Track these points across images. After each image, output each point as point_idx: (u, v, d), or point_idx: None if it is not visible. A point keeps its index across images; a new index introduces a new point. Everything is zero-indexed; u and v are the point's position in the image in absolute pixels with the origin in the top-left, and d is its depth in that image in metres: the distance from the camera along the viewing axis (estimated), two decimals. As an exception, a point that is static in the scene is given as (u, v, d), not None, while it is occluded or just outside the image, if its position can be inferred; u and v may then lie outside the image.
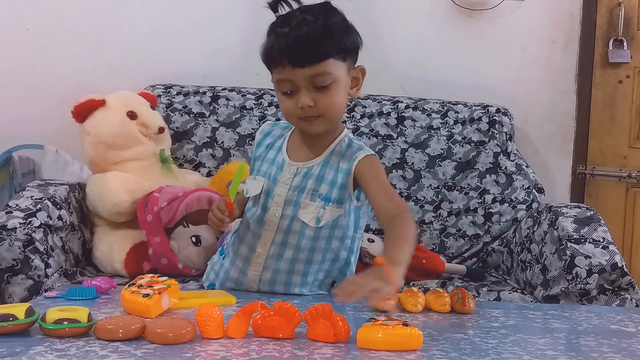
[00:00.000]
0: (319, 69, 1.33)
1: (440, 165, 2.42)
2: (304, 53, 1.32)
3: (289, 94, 1.36)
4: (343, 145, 1.43)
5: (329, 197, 1.39)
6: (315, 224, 1.39)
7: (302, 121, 1.38)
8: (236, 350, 1.00)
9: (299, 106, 1.34)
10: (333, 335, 1.05)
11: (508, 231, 2.34)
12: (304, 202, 1.39)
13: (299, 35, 1.33)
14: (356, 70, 1.42)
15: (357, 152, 1.41)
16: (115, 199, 2.05)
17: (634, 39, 2.68)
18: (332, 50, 1.34)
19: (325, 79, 1.34)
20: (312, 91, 1.34)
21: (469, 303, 1.31)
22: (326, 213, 1.39)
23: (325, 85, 1.34)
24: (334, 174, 1.40)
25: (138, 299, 1.16)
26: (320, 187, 1.40)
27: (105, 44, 2.65)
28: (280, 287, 1.46)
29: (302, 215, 1.39)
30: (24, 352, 0.96)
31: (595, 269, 1.81)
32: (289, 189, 1.40)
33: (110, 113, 2.18)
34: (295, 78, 1.33)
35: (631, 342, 1.14)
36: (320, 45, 1.33)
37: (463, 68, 2.68)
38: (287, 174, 1.41)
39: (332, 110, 1.37)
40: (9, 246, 1.77)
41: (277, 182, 1.41)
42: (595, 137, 2.73)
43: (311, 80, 1.33)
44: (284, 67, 1.33)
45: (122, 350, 0.98)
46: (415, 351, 1.03)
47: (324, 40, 1.34)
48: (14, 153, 2.44)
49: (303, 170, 1.41)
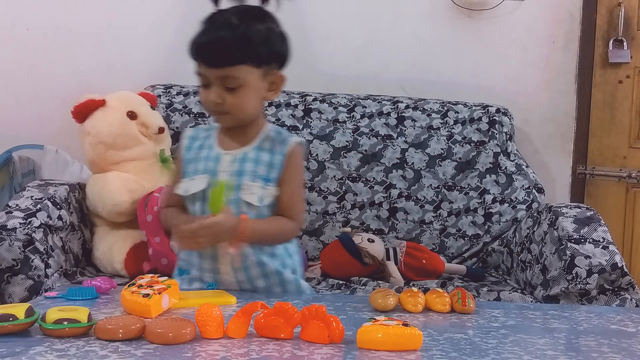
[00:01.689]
0: (228, 72, 1.41)
1: (441, 165, 2.42)
2: (215, 56, 1.41)
3: (205, 87, 1.45)
4: (272, 133, 1.52)
5: (268, 178, 1.46)
6: (259, 203, 1.45)
7: (213, 113, 1.49)
8: (236, 351, 1.00)
9: (207, 100, 1.44)
10: (327, 337, 1.05)
11: (508, 231, 2.34)
12: (246, 184, 1.46)
13: (215, 39, 1.42)
14: (275, 75, 1.49)
15: (289, 137, 1.51)
16: (115, 199, 2.05)
17: (634, 39, 2.68)
18: (243, 58, 1.42)
19: (233, 81, 1.42)
20: (221, 89, 1.42)
21: (469, 303, 1.31)
22: (267, 193, 1.46)
23: (234, 87, 1.42)
24: (269, 156, 1.48)
25: (138, 299, 1.16)
26: (259, 169, 1.47)
27: (106, 44, 2.65)
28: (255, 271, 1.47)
29: (245, 196, 1.45)
30: (24, 352, 0.96)
31: (595, 269, 1.81)
32: (230, 176, 1.47)
33: (111, 113, 2.18)
34: (207, 75, 1.42)
35: (631, 342, 1.14)
36: (232, 51, 1.41)
37: (463, 68, 2.68)
38: (225, 163, 1.48)
39: (238, 110, 1.45)
40: (9, 246, 1.77)
41: (217, 174, 1.47)
42: (595, 137, 2.73)
43: (221, 80, 1.42)
44: (200, 63, 1.43)
45: (122, 351, 0.98)
46: (415, 351, 1.03)
47: (237, 47, 1.41)
48: (14, 153, 2.44)
49: (239, 156, 1.48)
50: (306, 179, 2.37)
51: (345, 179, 2.39)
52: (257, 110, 1.50)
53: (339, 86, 2.59)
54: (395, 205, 2.38)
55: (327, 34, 2.65)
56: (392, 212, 2.38)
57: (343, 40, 2.65)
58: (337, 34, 2.65)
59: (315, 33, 2.64)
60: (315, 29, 2.65)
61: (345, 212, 2.37)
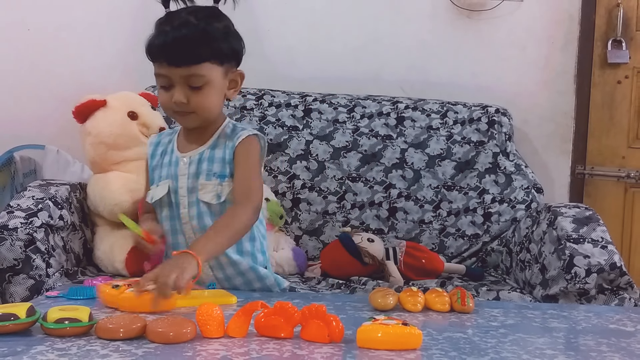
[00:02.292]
0: (193, 71, 1.40)
1: (440, 165, 2.42)
2: (180, 54, 1.40)
3: (166, 88, 1.44)
4: (227, 130, 1.52)
5: (223, 174, 1.47)
6: (217, 201, 1.46)
7: (176, 115, 1.47)
8: (236, 350, 1.01)
9: (173, 101, 1.42)
10: (327, 336, 1.05)
11: (507, 231, 2.35)
12: (201, 183, 1.46)
13: (178, 37, 1.40)
14: (235, 74, 1.50)
15: (241, 131, 1.50)
16: (116, 199, 2.05)
17: (632, 39, 2.68)
18: (208, 55, 1.42)
19: (198, 80, 1.41)
20: (186, 89, 1.42)
21: (468, 302, 1.31)
22: (224, 189, 1.46)
23: (198, 86, 1.42)
24: (222, 152, 1.48)
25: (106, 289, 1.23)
26: (213, 167, 1.47)
27: (106, 44, 2.65)
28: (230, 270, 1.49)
29: (202, 196, 1.46)
30: (25, 351, 0.97)
31: (594, 268, 1.82)
32: (188, 178, 1.48)
33: (111, 113, 2.18)
34: (171, 75, 1.41)
35: (630, 342, 1.14)
36: (197, 48, 1.40)
37: (462, 69, 2.68)
38: (182, 166, 1.49)
39: (203, 109, 1.45)
40: (10, 246, 1.78)
41: (177, 178, 1.49)
42: (594, 137, 2.73)
43: (186, 80, 1.41)
44: (161, 63, 1.42)
45: (123, 350, 0.98)
46: (415, 350, 1.04)
47: (200, 44, 1.41)
48: (15, 153, 2.44)
49: (195, 158, 1.49)
50: (306, 179, 2.38)
51: (345, 179, 2.40)
52: (219, 108, 1.51)
53: (339, 86, 2.59)
54: (395, 205, 2.39)
55: (327, 35, 2.65)
56: (391, 212, 2.38)
57: (343, 41, 2.66)
58: (337, 34, 2.65)
59: (315, 33, 2.65)
60: (315, 29, 2.65)
61: (345, 212, 2.38)
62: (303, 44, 2.66)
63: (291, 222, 2.35)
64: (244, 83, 2.53)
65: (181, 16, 1.44)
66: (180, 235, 1.51)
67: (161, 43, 1.41)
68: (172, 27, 1.42)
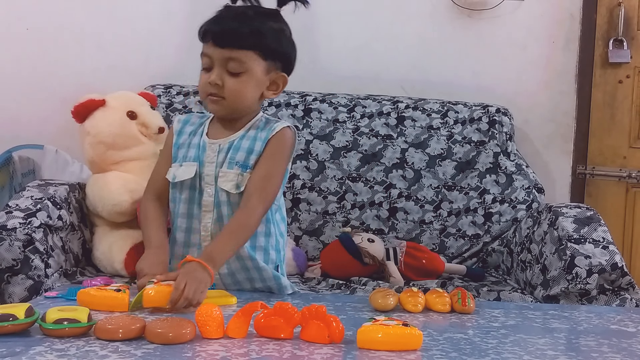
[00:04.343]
0: (234, 54, 1.42)
1: (441, 165, 2.42)
2: (226, 35, 1.43)
3: (207, 70, 1.46)
4: (261, 122, 1.52)
5: (246, 164, 1.46)
6: (236, 190, 1.44)
7: (208, 99, 1.47)
8: (236, 350, 1.00)
9: (208, 81, 1.44)
10: (327, 337, 1.05)
11: (508, 231, 2.34)
12: (222, 171, 1.46)
13: (229, 19, 1.45)
14: (278, 75, 1.50)
15: (276, 124, 1.51)
16: (115, 199, 2.05)
17: (634, 39, 2.68)
18: (252, 44, 1.43)
19: (237, 66, 1.43)
20: (224, 72, 1.43)
21: (469, 303, 1.31)
22: (244, 179, 1.45)
23: (237, 72, 1.43)
24: (251, 143, 1.48)
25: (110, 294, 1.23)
26: (237, 155, 1.46)
27: (106, 44, 2.65)
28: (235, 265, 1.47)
29: (222, 184, 1.45)
30: (24, 352, 0.96)
31: (595, 269, 1.81)
32: (216, 167, 1.47)
33: (110, 113, 2.18)
34: (213, 55, 1.44)
35: (631, 342, 1.14)
36: (243, 34, 1.43)
37: (463, 68, 2.68)
38: (210, 153, 1.48)
39: (236, 97, 1.45)
40: (9, 246, 1.77)
41: (203, 164, 1.48)
42: (595, 137, 2.73)
43: (225, 62, 1.43)
44: (207, 42, 1.45)
45: (122, 350, 0.98)
46: (415, 351, 1.03)
47: (248, 32, 1.43)
48: (14, 153, 2.44)
49: (225, 146, 1.48)
50: (306, 179, 2.37)
51: (345, 179, 2.39)
52: (253, 103, 1.50)
53: (339, 86, 2.59)
54: (395, 205, 2.38)
55: (327, 34, 2.64)
56: (392, 212, 2.38)
57: (343, 40, 2.65)
58: (338, 33, 2.65)
59: (315, 33, 2.64)
60: (315, 29, 2.65)
61: (345, 212, 2.37)
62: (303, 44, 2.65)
63: (291, 222, 2.34)
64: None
65: (240, 8, 1.48)
66: (195, 220, 1.50)
67: (211, 23, 1.45)
68: (227, 13, 1.47)
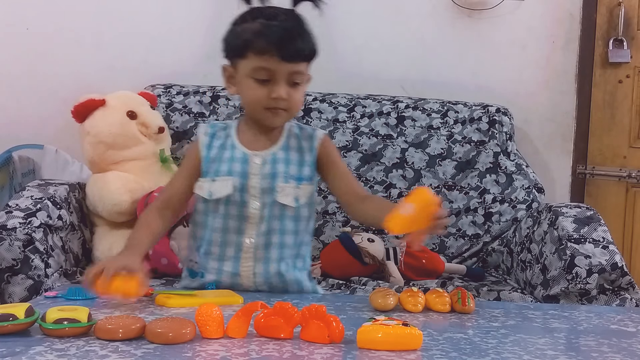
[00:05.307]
0: (299, 67, 1.40)
1: (441, 164, 2.42)
2: (295, 49, 1.38)
3: (262, 83, 1.39)
4: (294, 129, 1.50)
5: (300, 177, 1.46)
6: (295, 204, 1.44)
7: (267, 112, 1.41)
8: (236, 350, 1.00)
9: (273, 96, 1.38)
10: (327, 337, 1.05)
11: (508, 231, 2.34)
12: (279, 185, 1.44)
13: (291, 31, 1.39)
14: (309, 75, 1.49)
15: (314, 132, 1.50)
16: (115, 199, 2.05)
17: (634, 38, 2.68)
18: (312, 53, 1.43)
19: (300, 77, 1.41)
20: (286, 85, 1.39)
21: (469, 303, 1.31)
22: (301, 192, 1.45)
23: (297, 83, 1.41)
24: (298, 155, 1.47)
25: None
26: (290, 169, 1.45)
27: (106, 44, 2.65)
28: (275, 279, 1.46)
29: (281, 198, 1.43)
30: (24, 351, 0.96)
31: (595, 268, 1.81)
32: (262, 178, 1.44)
33: (110, 113, 2.18)
34: (277, 70, 1.38)
35: (631, 342, 1.14)
36: (308, 45, 1.41)
37: (463, 68, 2.68)
38: (254, 165, 1.45)
39: (297, 107, 1.44)
40: (9, 246, 1.77)
41: (247, 176, 1.44)
42: (595, 137, 2.73)
43: (290, 76, 1.39)
44: (270, 56, 1.37)
45: (122, 350, 0.98)
46: (415, 351, 1.03)
47: (309, 41, 1.42)
48: (14, 153, 2.44)
49: (269, 158, 1.45)
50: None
51: (345, 179, 2.39)
52: None
53: (339, 86, 2.59)
54: (395, 205, 2.38)
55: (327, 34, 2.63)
56: (392, 212, 2.38)
57: (343, 40, 2.65)
58: (338, 33, 2.65)
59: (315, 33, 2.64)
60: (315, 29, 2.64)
61: (345, 212, 2.37)
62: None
63: (291, 222, 2.34)
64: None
65: (279, 11, 1.42)
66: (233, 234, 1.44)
67: (274, 36, 1.36)
68: (279, 22, 1.39)
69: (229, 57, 1.46)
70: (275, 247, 1.45)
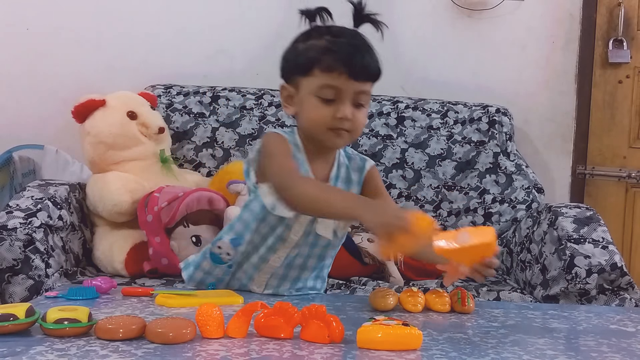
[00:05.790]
0: (365, 87, 1.34)
1: (440, 165, 2.42)
2: (363, 67, 1.32)
3: (327, 102, 1.32)
4: (343, 158, 1.44)
5: None
6: (333, 237, 1.40)
7: (330, 132, 1.33)
8: (236, 350, 1.00)
9: (339, 116, 1.31)
10: (327, 336, 1.05)
11: (508, 231, 2.34)
12: None
13: (360, 49, 1.34)
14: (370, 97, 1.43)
15: (363, 164, 1.44)
16: (115, 199, 2.05)
17: (633, 39, 2.68)
18: (379, 73, 1.36)
19: (365, 97, 1.34)
20: (351, 105, 1.32)
21: (468, 303, 1.31)
22: (341, 224, 1.40)
23: (361, 103, 1.34)
24: (345, 187, 1.41)
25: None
26: None
27: (106, 44, 2.65)
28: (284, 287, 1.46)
29: (320, 229, 1.38)
30: (25, 351, 0.96)
31: (595, 268, 1.81)
32: None
33: (111, 113, 2.18)
34: (345, 88, 1.31)
35: (630, 342, 1.14)
36: (376, 64, 1.35)
37: (463, 68, 2.68)
38: None
39: (360, 129, 1.37)
40: (10, 246, 1.77)
41: None
42: (595, 137, 2.73)
43: (356, 95, 1.32)
44: (339, 74, 1.30)
45: (123, 350, 0.98)
46: (415, 351, 1.03)
47: (377, 60, 1.36)
48: (14, 153, 2.44)
49: None
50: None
51: (345, 179, 2.39)
52: None
53: (339, 86, 2.59)
54: (395, 205, 2.38)
55: (327, 34, 2.65)
56: (392, 212, 2.38)
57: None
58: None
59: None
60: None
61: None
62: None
63: (291, 222, 2.34)
64: (245, 82, 2.57)
65: (345, 30, 1.37)
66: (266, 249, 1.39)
67: (344, 53, 1.31)
68: (347, 39, 1.34)
69: (290, 76, 1.37)
70: (296, 268, 1.44)
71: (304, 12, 1.40)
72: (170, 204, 2.00)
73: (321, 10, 1.40)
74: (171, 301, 1.27)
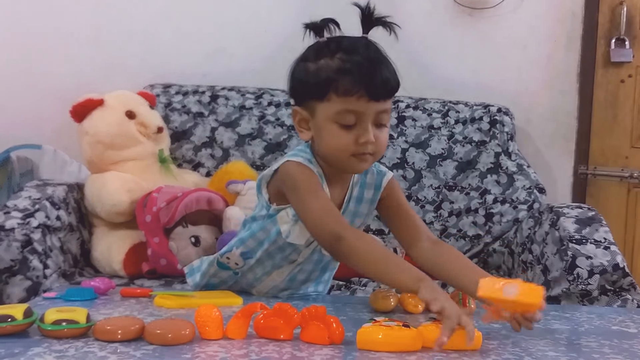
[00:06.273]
0: (386, 105, 1.25)
1: (441, 165, 2.41)
2: (383, 85, 1.23)
3: (347, 128, 1.23)
4: (357, 177, 1.38)
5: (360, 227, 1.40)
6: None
7: (353, 158, 1.26)
8: (235, 351, 1.00)
9: (362, 141, 1.23)
10: (327, 338, 1.04)
11: (509, 231, 2.33)
12: None
13: (376, 65, 1.23)
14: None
15: (380, 177, 1.38)
16: (114, 199, 2.04)
17: (636, 38, 2.67)
18: (398, 85, 1.27)
19: (386, 117, 1.26)
20: (373, 127, 1.24)
21: (469, 303, 1.30)
22: None
23: (384, 123, 1.26)
24: (362, 206, 1.37)
25: None
26: (355, 221, 1.37)
27: (104, 43, 2.64)
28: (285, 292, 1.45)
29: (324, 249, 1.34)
30: (23, 353, 0.96)
31: (597, 269, 1.81)
32: None
33: (109, 113, 2.18)
34: (365, 111, 1.22)
35: (632, 343, 1.13)
36: (394, 77, 1.25)
37: (464, 67, 2.67)
38: None
39: (383, 150, 1.29)
40: (7, 247, 1.77)
41: None
42: (597, 137, 2.72)
43: (377, 116, 1.24)
44: (358, 98, 1.21)
45: (121, 351, 0.97)
46: (416, 352, 1.02)
47: (394, 72, 1.26)
48: (12, 153, 2.43)
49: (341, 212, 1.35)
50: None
51: (345, 179, 2.38)
52: None
53: (339, 86, 2.58)
54: (396, 205, 2.37)
55: (327, 34, 2.64)
56: (392, 212, 2.37)
57: (343, 40, 2.64)
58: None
59: (315, 32, 2.63)
60: (315, 29, 2.64)
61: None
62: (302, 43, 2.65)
63: (291, 222, 2.33)
64: (244, 82, 2.57)
65: (357, 42, 1.27)
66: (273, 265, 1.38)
67: (362, 73, 1.21)
68: (362, 55, 1.24)
69: (302, 99, 1.28)
70: (299, 282, 1.43)
71: (310, 26, 1.31)
72: (169, 204, 1.99)
73: (328, 22, 1.31)
74: (170, 302, 1.26)
